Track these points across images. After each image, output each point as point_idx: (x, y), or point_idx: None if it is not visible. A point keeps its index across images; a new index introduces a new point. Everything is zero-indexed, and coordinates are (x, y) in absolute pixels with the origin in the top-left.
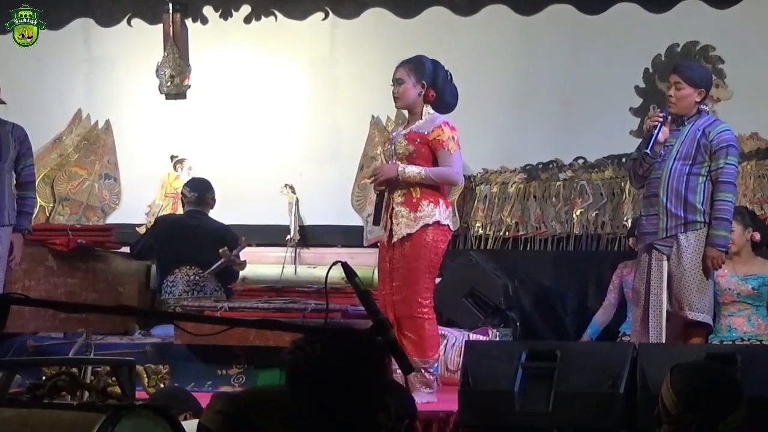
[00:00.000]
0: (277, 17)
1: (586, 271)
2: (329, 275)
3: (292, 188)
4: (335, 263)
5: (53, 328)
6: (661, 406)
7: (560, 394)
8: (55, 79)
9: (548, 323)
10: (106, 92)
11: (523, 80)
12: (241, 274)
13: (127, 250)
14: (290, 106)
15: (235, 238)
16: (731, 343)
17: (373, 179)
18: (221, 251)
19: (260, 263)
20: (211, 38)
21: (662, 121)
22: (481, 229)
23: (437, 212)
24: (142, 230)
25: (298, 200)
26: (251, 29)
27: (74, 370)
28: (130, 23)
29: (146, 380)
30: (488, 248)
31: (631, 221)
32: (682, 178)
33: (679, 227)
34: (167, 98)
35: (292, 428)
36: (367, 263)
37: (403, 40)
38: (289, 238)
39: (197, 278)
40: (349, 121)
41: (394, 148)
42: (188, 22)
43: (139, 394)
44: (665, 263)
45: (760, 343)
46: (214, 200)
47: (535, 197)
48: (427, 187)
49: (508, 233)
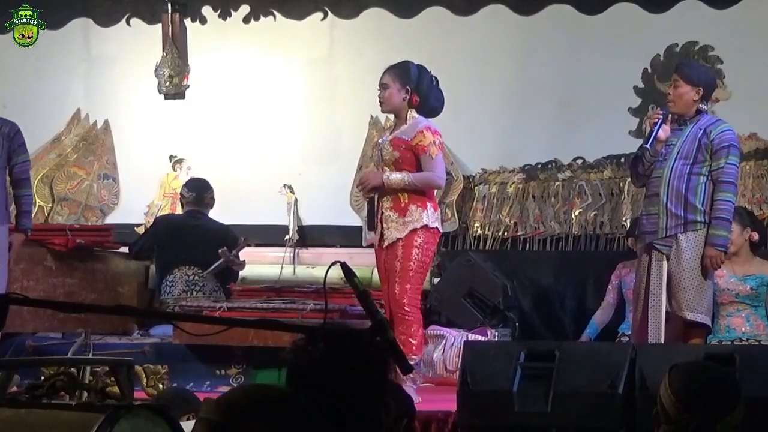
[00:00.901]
0: (276, 17)
1: (584, 271)
2: (328, 275)
3: (290, 188)
4: (334, 263)
5: (52, 328)
6: (659, 406)
7: (559, 394)
8: (53, 78)
9: (547, 323)
10: (105, 92)
11: (521, 80)
12: (240, 274)
13: (126, 250)
14: (289, 106)
15: (235, 237)
16: (730, 343)
17: (360, 188)
18: (220, 251)
19: (259, 263)
20: (210, 38)
21: (662, 118)
22: (479, 229)
23: (425, 216)
24: (141, 230)
25: (296, 200)
26: (250, 29)
27: (73, 370)
28: (129, 23)
29: (145, 380)
30: (487, 248)
31: (629, 221)
32: (682, 177)
33: (678, 227)
34: (166, 98)
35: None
36: (365, 263)
37: (402, 40)
38: (287, 238)
39: (196, 278)
40: (347, 121)
41: (380, 154)
42: (187, 21)
43: (137, 394)
44: (665, 263)
45: (758, 343)
46: (212, 200)
47: (533, 197)
48: (413, 192)
49: (506, 233)
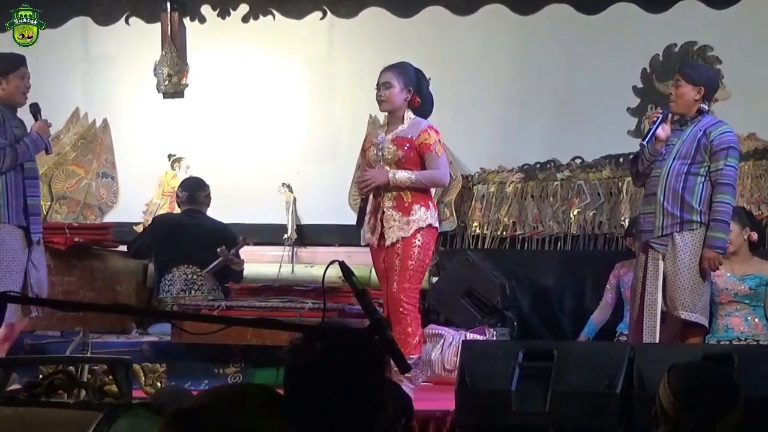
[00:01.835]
0: (275, 16)
1: (583, 270)
2: (326, 274)
3: (289, 187)
4: (332, 262)
5: (50, 326)
6: (658, 406)
7: (557, 393)
8: (52, 77)
9: (545, 323)
10: (103, 91)
11: (520, 80)
12: (242, 272)
13: (124, 248)
14: (288, 105)
15: (233, 236)
16: (728, 343)
17: (362, 185)
18: (219, 250)
19: (257, 262)
20: (209, 37)
21: (662, 117)
22: (478, 228)
23: (428, 215)
24: (139, 229)
25: (295, 199)
26: (249, 28)
27: (71, 368)
28: (128, 22)
29: (143, 379)
30: (485, 248)
31: (628, 221)
32: (680, 177)
33: (674, 226)
34: (165, 97)
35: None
36: (364, 262)
37: (401, 39)
38: (286, 237)
39: (195, 277)
40: (346, 120)
41: (381, 153)
42: (186, 21)
43: (136, 392)
44: (661, 262)
45: (757, 343)
46: (208, 198)
47: (532, 197)
48: (416, 190)
49: (505, 233)
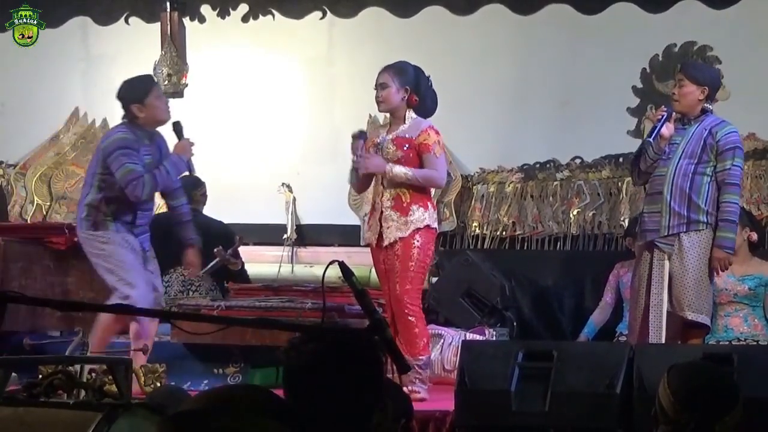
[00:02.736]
0: (274, 16)
1: (583, 270)
2: (326, 274)
3: (289, 187)
4: (332, 262)
5: (50, 326)
6: (658, 406)
7: (557, 394)
8: (52, 77)
9: (545, 323)
10: (103, 90)
11: (520, 80)
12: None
13: None
14: (287, 105)
15: (232, 233)
16: (728, 343)
17: (356, 165)
18: (216, 251)
19: (257, 262)
20: (208, 37)
21: (666, 115)
22: (478, 228)
23: (426, 216)
24: None
25: (295, 199)
26: (249, 28)
27: (71, 368)
28: (127, 22)
29: (143, 379)
30: (485, 248)
31: (628, 221)
32: (687, 177)
33: (681, 226)
34: (164, 96)
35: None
36: (364, 262)
37: (400, 39)
38: (285, 237)
39: (192, 278)
40: (346, 120)
41: (382, 153)
42: (186, 20)
43: (135, 392)
44: (666, 262)
45: (756, 343)
46: (203, 196)
47: (532, 197)
48: (415, 190)
49: (505, 233)
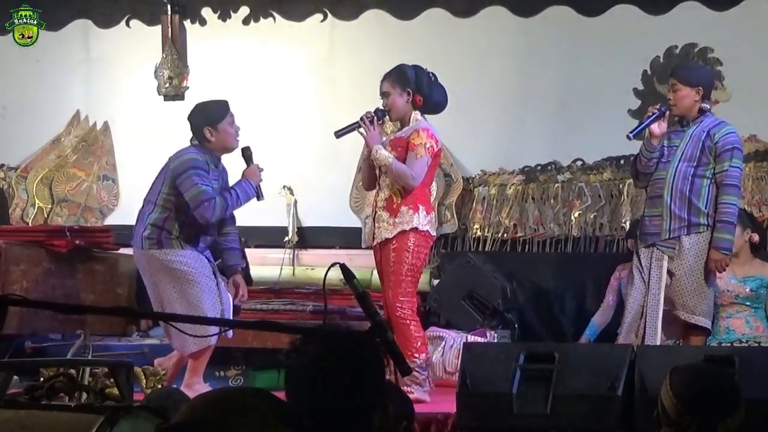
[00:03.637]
0: (275, 18)
1: (584, 273)
2: (327, 277)
3: (290, 189)
4: (333, 265)
5: (51, 329)
6: (660, 408)
7: (558, 396)
8: (53, 80)
9: (546, 325)
10: (104, 93)
11: (521, 82)
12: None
13: (125, 251)
14: (289, 107)
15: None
16: (729, 344)
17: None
18: None
19: (258, 265)
20: (209, 39)
21: (658, 113)
22: (479, 230)
23: (415, 219)
24: None
25: (296, 201)
26: (250, 30)
27: (72, 371)
28: (128, 24)
29: (144, 382)
30: (486, 250)
31: (629, 223)
32: (686, 179)
33: (682, 229)
34: (165, 99)
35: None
36: (365, 265)
37: (401, 41)
38: (287, 239)
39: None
40: (347, 122)
41: None
42: (187, 23)
43: (137, 395)
44: (665, 263)
45: (758, 344)
46: None
47: (533, 199)
48: (407, 193)
49: (506, 235)
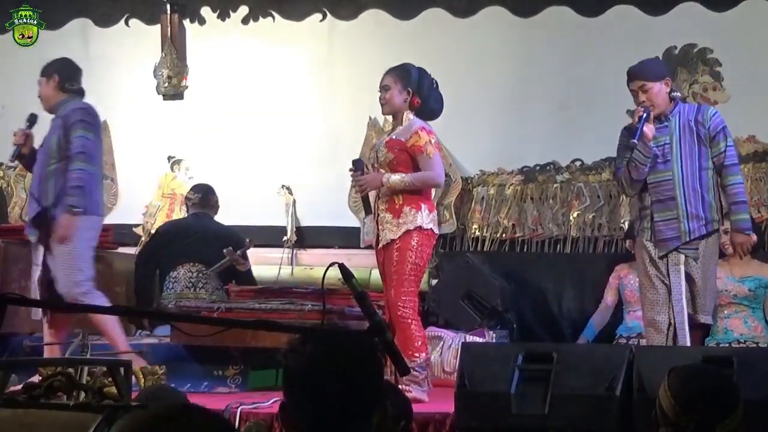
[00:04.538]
0: (275, 18)
1: (582, 273)
2: (326, 276)
3: (289, 189)
4: (332, 264)
5: None
6: (658, 408)
7: (557, 396)
8: None
9: (545, 325)
10: (103, 92)
11: (520, 82)
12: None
13: (124, 250)
14: (288, 107)
15: (238, 239)
16: (728, 345)
17: (358, 190)
18: (226, 251)
19: (257, 264)
20: (208, 39)
21: (645, 116)
22: (478, 230)
23: (419, 217)
24: (139, 230)
25: (295, 201)
26: (249, 30)
27: (70, 370)
28: (127, 24)
29: (143, 381)
30: (485, 250)
31: (627, 223)
32: (695, 175)
33: (701, 228)
34: (164, 99)
35: None
36: (364, 264)
37: (400, 41)
38: (286, 239)
39: (200, 275)
40: (346, 122)
41: (376, 156)
42: (186, 22)
43: (135, 394)
44: (682, 267)
45: (756, 345)
46: (217, 204)
47: (532, 199)
48: (409, 193)
49: (505, 235)
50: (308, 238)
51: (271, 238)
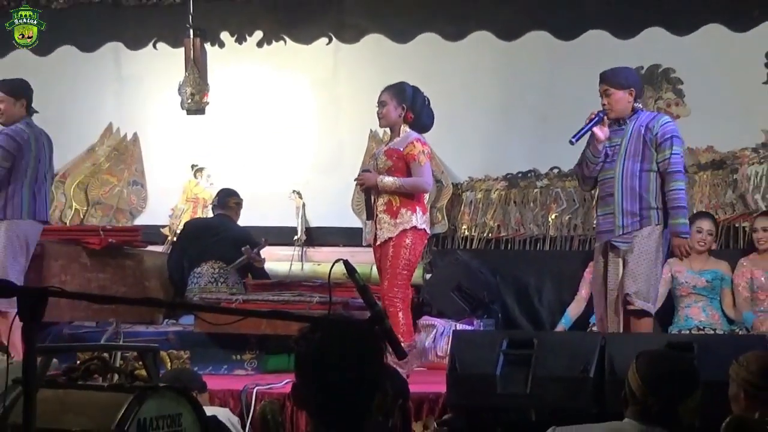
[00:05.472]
0: (286, 42)
1: (560, 268)
2: (332, 271)
3: (299, 194)
4: (337, 261)
5: (87, 317)
6: (627, 389)
7: (537, 378)
8: (88, 96)
9: (527, 315)
10: (133, 108)
11: (504, 98)
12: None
13: (153, 248)
14: (297, 121)
15: (254, 240)
16: (688, 331)
17: (358, 184)
18: (244, 249)
19: (271, 260)
20: (227, 60)
21: (597, 119)
22: (467, 230)
23: (414, 218)
24: (166, 231)
25: (304, 204)
26: (263, 52)
27: (105, 355)
28: (155, 47)
29: (169, 364)
30: (473, 248)
31: None
32: (635, 176)
33: (635, 223)
34: (188, 114)
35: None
36: (366, 261)
37: (398, 62)
38: (296, 238)
39: (222, 271)
40: (349, 134)
41: (376, 163)
42: (207, 45)
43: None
44: (620, 260)
45: (714, 332)
46: (237, 205)
47: (515, 203)
48: (405, 196)
49: (491, 235)
50: (316, 237)
51: (283, 237)
